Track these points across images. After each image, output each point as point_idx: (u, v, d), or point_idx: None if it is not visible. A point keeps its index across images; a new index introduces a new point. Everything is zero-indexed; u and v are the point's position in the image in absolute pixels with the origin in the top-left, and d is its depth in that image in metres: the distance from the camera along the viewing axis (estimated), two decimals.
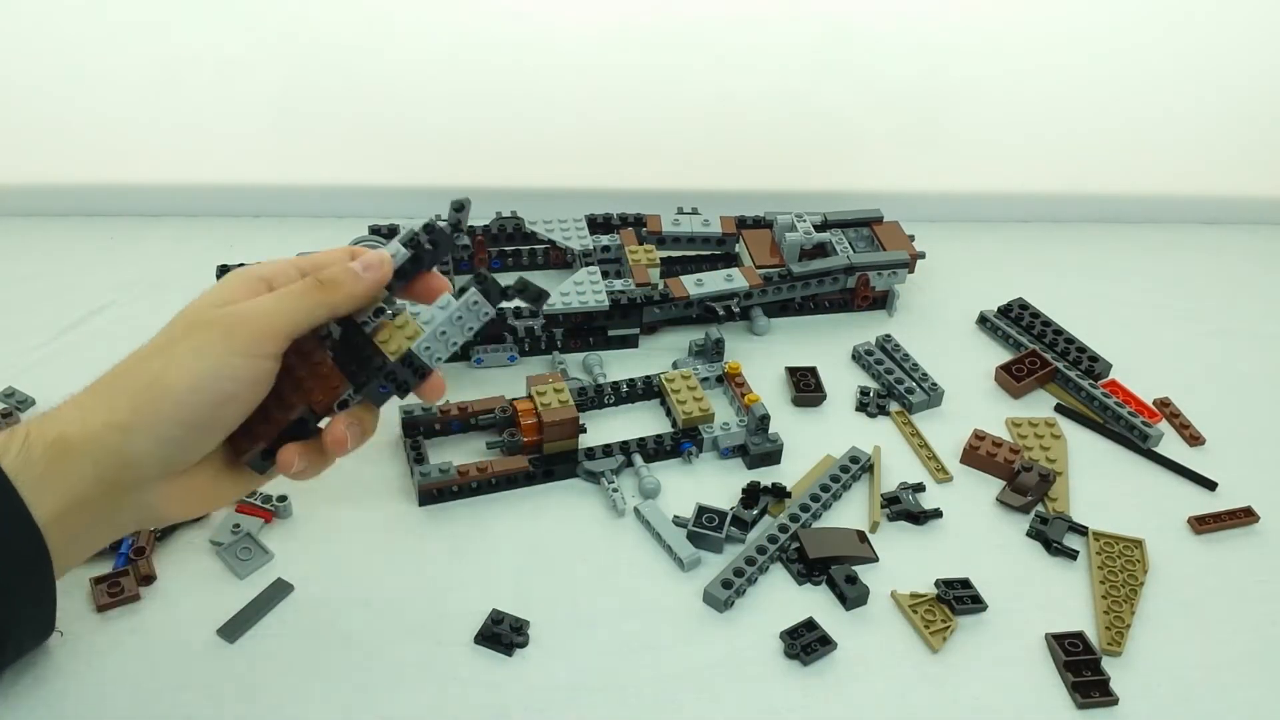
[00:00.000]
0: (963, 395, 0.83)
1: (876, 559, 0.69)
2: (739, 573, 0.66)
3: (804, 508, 0.71)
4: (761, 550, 0.68)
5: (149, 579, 0.64)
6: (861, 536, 0.70)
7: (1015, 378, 0.84)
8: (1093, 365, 0.85)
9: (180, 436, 0.51)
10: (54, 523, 0.49)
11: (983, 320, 0.91)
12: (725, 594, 0.65)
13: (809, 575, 0.68)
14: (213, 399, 0.51)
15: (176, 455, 0.52)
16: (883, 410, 0.81)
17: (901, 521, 0.72)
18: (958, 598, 0.66)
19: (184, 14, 0.88)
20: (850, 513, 0.73)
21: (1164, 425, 0.82)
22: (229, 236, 0.94)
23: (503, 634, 0.62)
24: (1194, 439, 0.81)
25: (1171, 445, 0.81)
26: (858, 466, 0.75)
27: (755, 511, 0.71)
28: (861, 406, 0.81)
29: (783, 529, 0.69)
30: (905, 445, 0.78)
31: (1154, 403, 0.84)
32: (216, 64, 0.90)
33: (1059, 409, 0.83)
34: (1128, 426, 0.81)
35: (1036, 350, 0.86)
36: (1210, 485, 0.77)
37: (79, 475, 0.50)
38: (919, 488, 0.74)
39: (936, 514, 0.73)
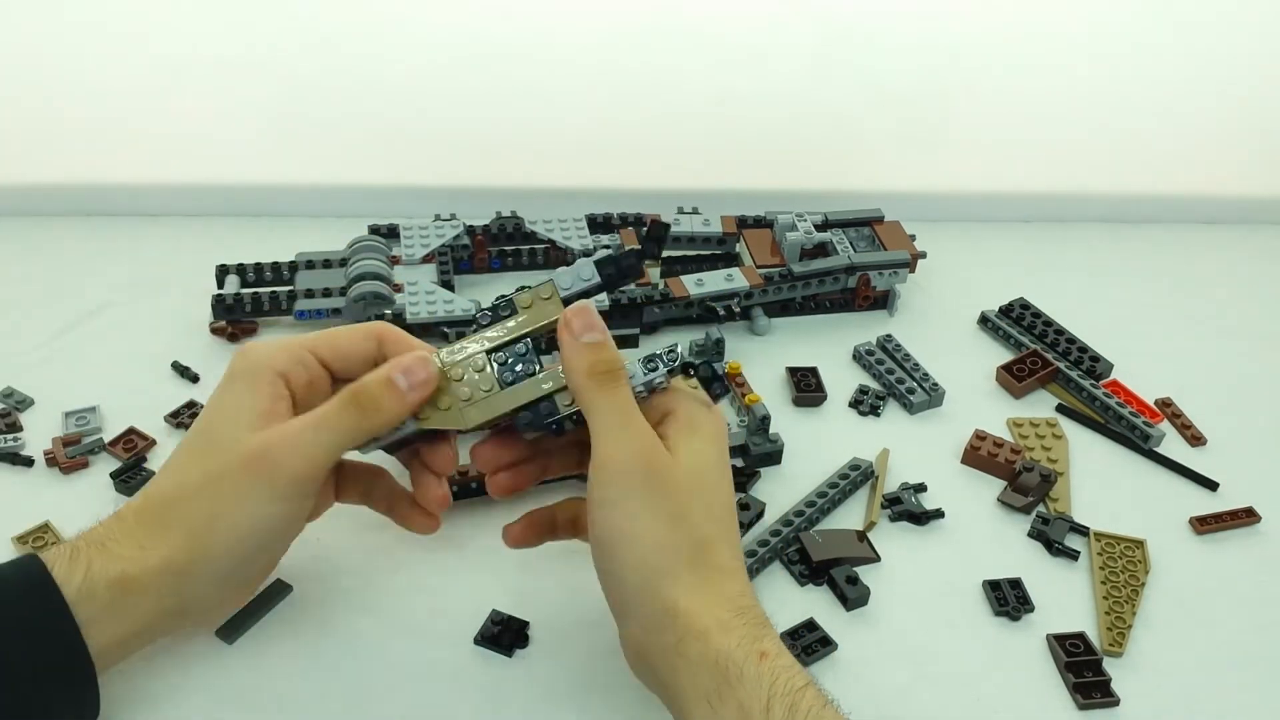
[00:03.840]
0: (964, 395, 0.83)
1: (878, 558, 0.69)
2: None
3: (801, 511, 0.71)
4: (751, 554, 0.67)
5: None
6: (860, 536, 0.70)
7: (1016, 378, 0.84)
8: (1094, 365, 0.85)
9: (236, 573, 0.54)
10: (112, 648, 0.51)
11: (984, 320, 0.91)
12: None
13: (811, 577, 0.67)
14: (262, 543, 0.53)
15: (232, 591, 0.55)
16: (875, 411, 0.81)
17: (903, 521, 0.72)
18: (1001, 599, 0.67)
19: (183, 14, 0.87)
20: (853, 514, 0.73)
21: (1165, 425, 0.82)
22: (228, 236, 0.94)
23: (503, 634, 0.62)
24: (1195, 439, 0.81)
25: (1173, 445, 0.81)
26: (858, 473, 0.74)
27: (751, 512, 0.71)
28: (855, 404, 0.81)
29: (774, 533, 0.69)
30: (906, 445, 0.78)
31: (1155, 403, 0.83)
32: (215, 64, 0.90)
33: (1060, 409, 0.83)
34: (1129, 427, 0.81)
35: (1038, 350, 0.86)
36: (1212, 485, 0.77)
37: (142, 611, 0.51)
38: (920, 488, 0.74)
39: (938, 514, 0.73)
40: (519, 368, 0.54)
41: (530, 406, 0.53)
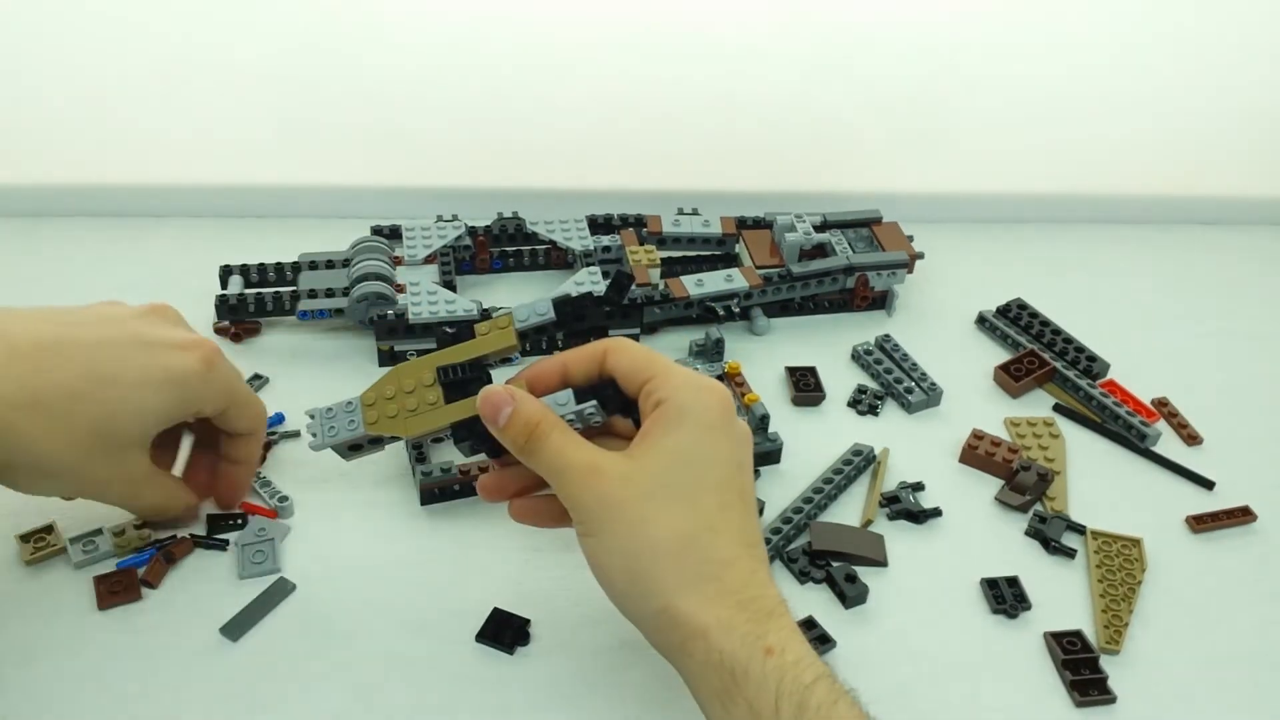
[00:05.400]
0: (961, 395, 0.84)
1: (886, 564, 0.70)
2: None
3: (802, 504, 0.71)
4: None
5: (150, 583, 0.64)
6: (880, 541, 0.70)
7: (1014, 377, 0.84)
8: (1091, 365, 0.86)
9: (85, 442, 0.54)
10: None
11: (981, 320, 0.92)
12: None
13: (810, 574, 0.68)
14: (137, 425, 0.55)
15: (73, 454, 0.54)
16: (874, 410, 0.82)
17: (901, 520, 0.73)
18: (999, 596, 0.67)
19: (187, 16, 0.88)
20: (848, 509, 0.74)
21: (1162, 425, 0.82)
22: (232, 237, 0.94)
23: (504, 632, 0.62)
24: (1192, 438, 0.81)
25: (1169, 445, 0.81)
26: (860, 459, 0.75)
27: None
28: (853, 404, 0.82)
29: (774, 530, 0.70)
30: (904, 444, 0.79)
31: (1152, 402, 0.84)
32: (219, 65, 0.91)
33: (1057, 408, 0.83)
34: (1126, 426, 0.81)
35: (1035, 350, 0.86)
36: (1208, 484, 0.77)
37: None
38: (918, 486, 0.75)
39: (936, 513, 0.73)
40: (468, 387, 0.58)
41: (465, 423, 0.56)
